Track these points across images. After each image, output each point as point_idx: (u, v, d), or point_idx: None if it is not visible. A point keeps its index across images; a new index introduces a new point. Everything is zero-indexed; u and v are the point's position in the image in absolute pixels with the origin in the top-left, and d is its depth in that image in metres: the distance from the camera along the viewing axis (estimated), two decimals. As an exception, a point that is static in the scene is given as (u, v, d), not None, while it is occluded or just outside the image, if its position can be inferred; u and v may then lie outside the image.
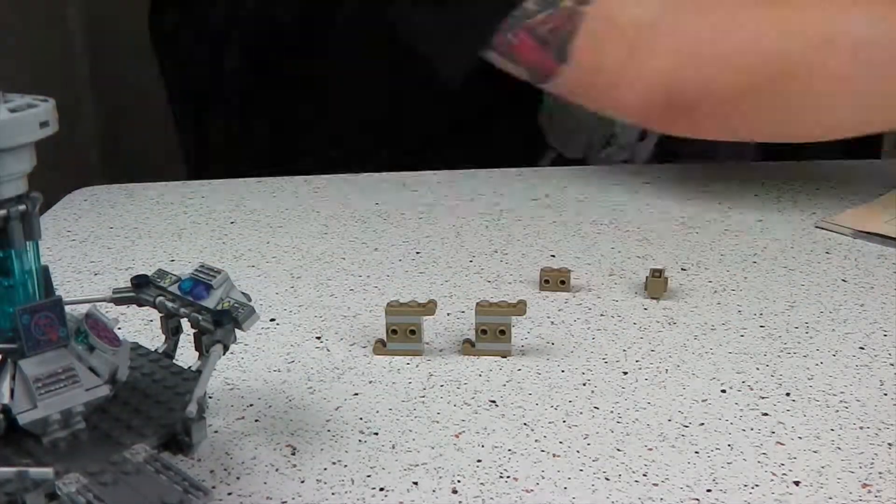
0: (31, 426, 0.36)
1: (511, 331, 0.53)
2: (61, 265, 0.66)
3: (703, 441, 0.45)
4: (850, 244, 0.71)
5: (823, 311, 0.59)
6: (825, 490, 0.41)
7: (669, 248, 0.70)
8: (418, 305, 0.53)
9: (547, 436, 0.45)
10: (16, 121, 0.35)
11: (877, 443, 0.45)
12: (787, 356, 0.54)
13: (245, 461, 0.43)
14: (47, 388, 0.36)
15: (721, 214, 0.78)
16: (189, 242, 0.71)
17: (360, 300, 0.61)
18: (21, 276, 0.37)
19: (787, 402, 0.49)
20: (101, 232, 0.73)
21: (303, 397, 0.49)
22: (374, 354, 0.53)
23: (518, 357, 0.53)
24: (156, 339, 0.51)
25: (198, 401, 0.37)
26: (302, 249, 0.69)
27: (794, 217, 0.77)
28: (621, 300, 0.61)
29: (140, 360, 0.43)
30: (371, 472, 0.43)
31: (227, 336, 0.40)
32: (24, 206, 0.36)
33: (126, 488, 0.34)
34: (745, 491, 0.41)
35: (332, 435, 0.45)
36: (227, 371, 0.51)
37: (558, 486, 0.42)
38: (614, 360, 0.53)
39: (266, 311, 0.59)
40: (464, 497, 0.41)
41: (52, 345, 0.37)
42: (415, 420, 0.47)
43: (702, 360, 0.53)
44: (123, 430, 0.38)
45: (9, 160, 0.35)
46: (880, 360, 0.53)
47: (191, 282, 0.42)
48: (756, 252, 0.70)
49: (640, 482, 0.42)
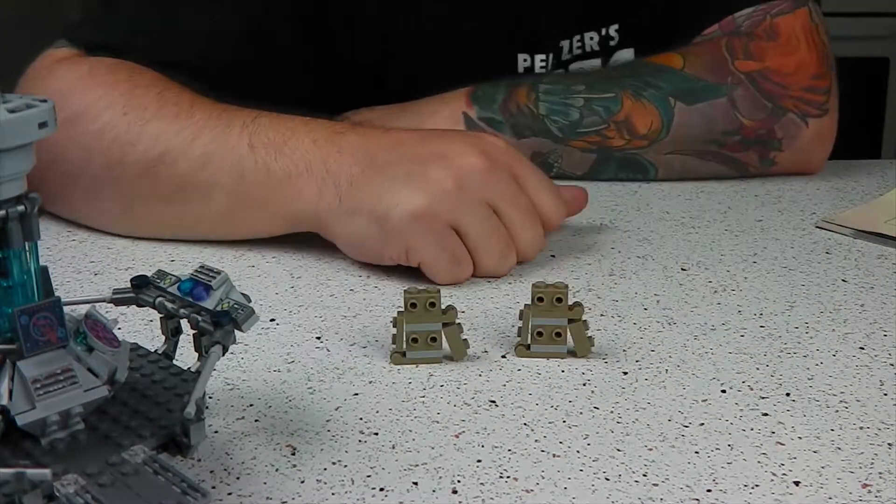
0: (29, 427, 0.36)
1: (567, 333, 0.52)
2: (61, 265, 0.66)
3: (703, 441, 0.45)
4: (850, 244, 0.71)
5: (823, 311, 0.59)
6: (825, 490, 0.41)
7: (669, 248, 0.70)
8: (441, 312, 0.52)
9: (547, 436, 0.45)
10: (15, 121, 0.35)
11: (877, 443, 0.45)
12: (787, 356, 0.54)
13: (245, 461, 0.43)
14: (46, 388, 0.36)
15: (721, 214, 0.78)
16: (189, 242, 0.70)
17: (360, 300, 0.61)
18: (20, 276, 0.37)
19: (787, 402, 0.49)
20: (101, 232, 0.73)
21: (303, 397, 0.49)
22: (392, 364, 0.52)
23: (518, 357, 0.53)
24: (155, 339, 0.51)
25: (196, 402, 0.37)
26: (302, 249, 0.69)
27: (794, 217, 0.77)
28: (621, 300, 0.61)
29: (139, 360, 0.43)
30: (371, 472, 0.42)
31: (227, 337, 0.40)
32: (23, 207, 0.36)
33: (124, 489, 0.34)
34: (745, 491, 0.41)
35: (332, 435, 0.45)
36: (227, 371, 0.51)
37: (558, 486, 0.41)
38: (614, 360, 0.53)
39: (266, 311, 0.59)
40: (464, 497, 0.41)
41: (50, 346, 0.37)
42: (415, 420, 0.47)
43: (702, 360, 0.53)
44: (122, 431, 0.38)
45: (8, 161, 0.35)
46: (880, 360, 0.53)
47: (190, 282, 0.42)
48: (756, 252, 0.70)
49: (640, 482, 0.42)
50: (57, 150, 0.69)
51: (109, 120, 0.68)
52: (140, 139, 0.67)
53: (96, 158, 0.69)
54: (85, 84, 0.71)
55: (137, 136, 0.67)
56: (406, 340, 0.52)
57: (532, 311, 0.52)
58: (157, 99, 0.69)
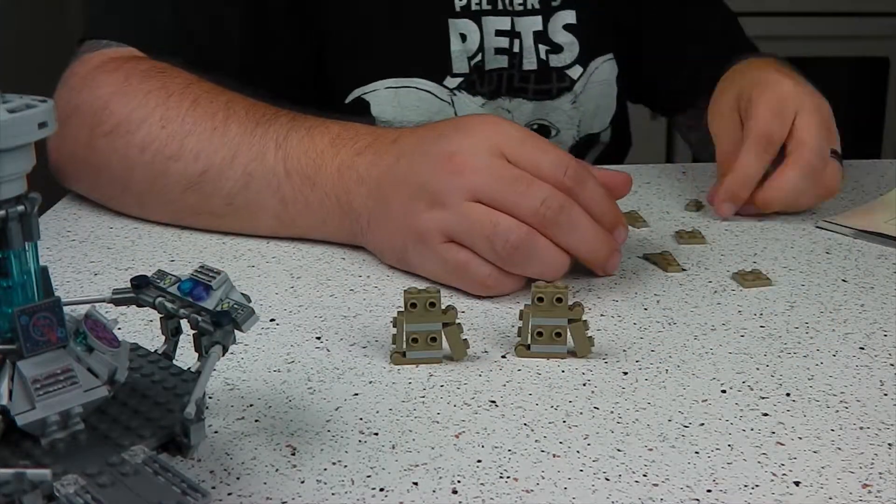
0: (29, 427, 0.36)
1: (566, 333, 0.52)
2: (61, 265, 0.66)
3: (703, 441, 0.45)
4: (850, 244, 0.71)
5: (823, 311, 0.59)
6: (825, 490, 0.41)
7: (670, 248, 0.70)
8: (441, 312, 0.52)
9: (547, 436, 0.45)
10: (14, 121, 0.35)
11: (877, 443, 0.45)
12: (787, 356, 0.54)
13: (245, 461, 0.43)
14: (46, 389, 0.36)
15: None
16: (189, 242, 0.71)
17: (360, 300, 0.61)
18: (20, 276, 0.37)
19: (787, 402, 0.49)
20: (101, 232, 0.73)
21: (303, 397, 0.49)
22: (392, 364, 0.52)
23: (518, 357, 0.53)
24: (156, 339, 0.51)
25: (196, 402, 0.37)
26: (302, 249, 0.69)
27: (794, 217, 0.77)
28: (621, 300, 0.61)
29: (139, 360, 0.43)
30: (371, 472, 0.42)
31: (227, 337, 0.40)
32: (23, 207, 0.36)
33: (124, 490, 0.34)
34: (745, 491, 0.41)
35: (332, 435, 0.45)
36: (227, 371, 0.51)
37: (558, 486, 0.41)
38: (614, 360, 0.53)
39: (266, 311, 0.59)
40: (464, 497, 0.41)
41: (50, 346, 0.37)
42: (415, 420, 0.47)
43: (702, 360, 0.53)
44: (122, 431, 0.38)
45: (7, 161, 0.35)
46: (880, 360, 0.53)
47: (190, 283, 0.42)
48: (756, 252, 0.70)
49: (640, 482, 0.42)
50: (103, 159, 0.73)
51: (148, 133, 0.71)
52: (181, 155, 0.70)
53: (139, 170, 0.72)
54: (122, 92, 0.73)
55: (178, 152, 0.70)
56: (406, 340, 0.52)
57: (532, 311, 0.52)
58: (192, 109, 0.71)
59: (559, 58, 0.94)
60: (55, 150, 0.77)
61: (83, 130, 0.74)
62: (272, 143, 0.69)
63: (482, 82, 0.91)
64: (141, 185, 0.73)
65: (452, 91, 0.89)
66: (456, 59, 0.89)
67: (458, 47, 0.88)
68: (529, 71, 0.93)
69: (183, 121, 0.71)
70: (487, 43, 0.90)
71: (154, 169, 0.71)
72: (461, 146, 0.60)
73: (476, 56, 0.90)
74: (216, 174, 0.69)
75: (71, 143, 0.75)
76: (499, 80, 0.92)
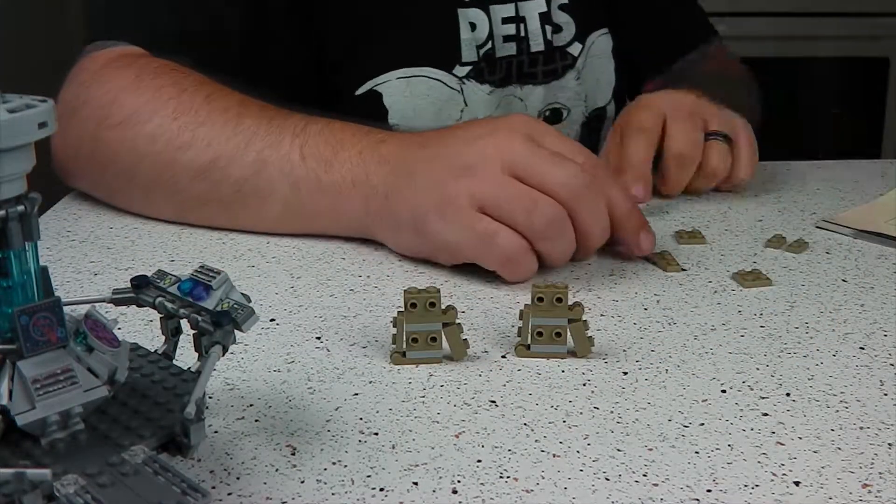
0: (29, 427, 0.36)
1: (566, 333, 0.52)
2: (61, 265, 0.66)
3: (703, 441, 0.45)
4: (850, 244, 0.71)
5: (823, 311, 0.59)
6: (825, 490, 0.41)
7: (670, 248, 0.70)
8: (441, 312, 0.52)
9: (547, 436, 0.45)
10: (14, 121, 0.35)
11: (877, 443, 0.45)
12: (787, 356, 0.54)
13: (245, 461, 0.43)
14: (46, 388, 0.36)
15: (721, 214, 0.78)
16: (189, 242, 0.71)
17: (360, 300, 0.61)
18: (20, 276, 0.37)
19: (787, 402, 0.49)
20: (101, 232, 0.73)
21: (303, 397, 0.49)
22: (392, 364, 0.52)
23: (518, 357, 0.53)
24: (156, 339, 0.51)
25: (196, 402, 0.37)
26: (302, 249, 0.69)
27: (794, 217, 0.77)
28: (621, 300, 0.61)
29: (139, 360, 0.43)
30: (371, 472, 0.42)
31: (227, 337, 0.40)
32: (23, 207, 0.36)
33: (124, 490, 0.34)
34: (745, 491, 0.41)
35: (332, 435, 0.45)
36: (227, 371, 0.51)
37: (558, 486, 0.41)
38: (614, 360, 0.53)
39: (266, 311, 0.59)
40: (464, 497, 0.41)
41: (50, 346, 0.37)
42: (415, 420, 0.47)
43: (702, 360, 0.53)
44: (122, 431, 0.38)
45: (7, 161, 0.35)
46: (880, 360, 0.53)
47: (190, 282, 0.42)
48: (756, 252, 0.70)
49: (640, 482, 0.42)
50: (110, 151, 0.73)
51: (160, 124, 0.71)
52: (192, 144, 0.70)
53: (148, 161, 0.72)
54: (133, 87, 0.74)
55: (189, 142, 0.70)
56: (406, 340, 0.52)
57: (532, 311, 0.52)
58: (205, 103, 0.71)
59: (560, 37, 0.96)
60: (59, 146, 0.77)
61: (90, 124, 0.74)
62: (289, 132, 0.69)
63: (491, 70, 0.91)
64: (148, 176, 0.72)
65: (461, 80, 0.89)
66: (465, 48, 0.89)
67: (467, 36, 0.89)
68: (537, 53, 0.94)
69: (196, 113, 0.71)
70: (496, 31, 0.91)
71: (163, 159, 0.71)
72: (496, 127, 0.63)
73: (486, 44, 0.91)
74: (227, 161, 0.69)
75: (76, 138, 0.75)
76: (508, 67, 0.93)
